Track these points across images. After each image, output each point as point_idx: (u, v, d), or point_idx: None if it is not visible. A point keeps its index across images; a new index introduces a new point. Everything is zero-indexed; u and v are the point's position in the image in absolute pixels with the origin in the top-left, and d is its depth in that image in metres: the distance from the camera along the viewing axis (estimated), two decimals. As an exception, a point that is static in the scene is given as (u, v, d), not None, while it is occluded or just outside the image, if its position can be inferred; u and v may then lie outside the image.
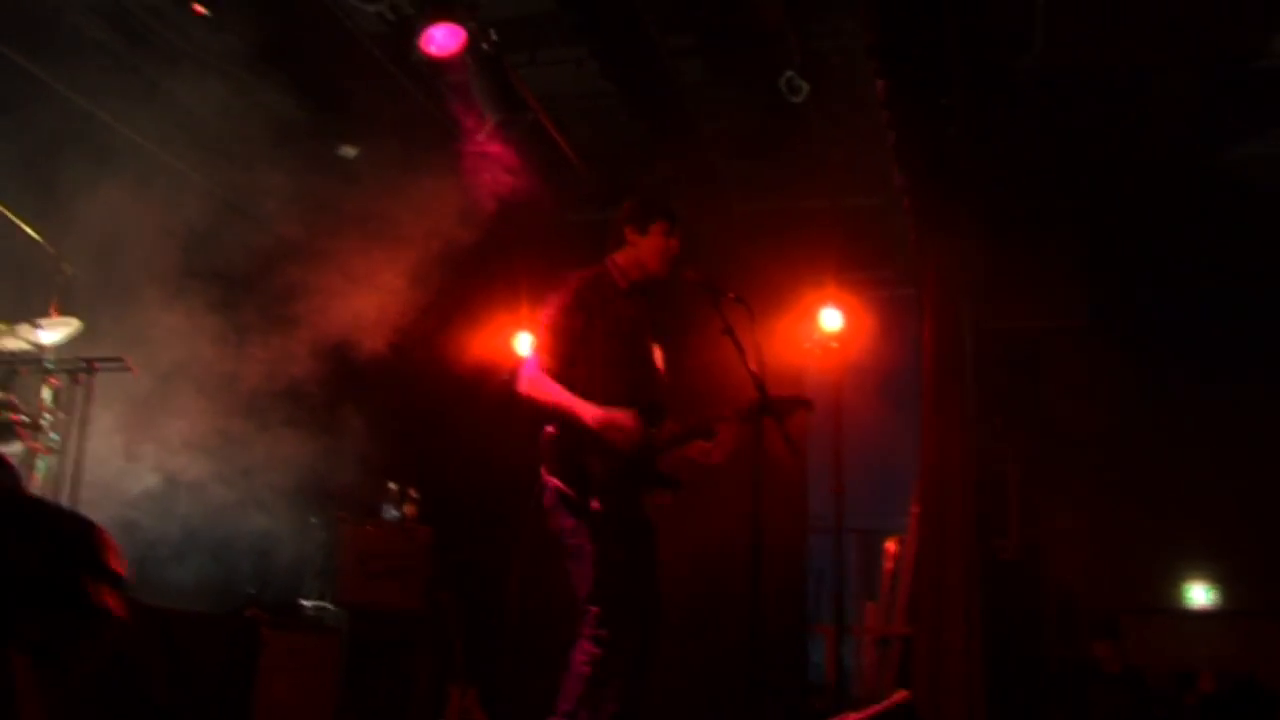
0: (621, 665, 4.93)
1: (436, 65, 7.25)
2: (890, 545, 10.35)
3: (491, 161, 8.00)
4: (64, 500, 6.69)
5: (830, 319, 9.03)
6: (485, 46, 7.52)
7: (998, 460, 9.48)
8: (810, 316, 9.06)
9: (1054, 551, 9.52)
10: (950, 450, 8.88)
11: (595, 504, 4.97)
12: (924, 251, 9.34)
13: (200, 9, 7.89)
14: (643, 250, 5.37)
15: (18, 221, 7.11)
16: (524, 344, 9.89)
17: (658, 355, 5.43)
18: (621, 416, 4.99)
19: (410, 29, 7.24)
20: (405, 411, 9.69)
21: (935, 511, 8.83)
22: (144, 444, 7.78)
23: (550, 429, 5.15)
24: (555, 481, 5.09)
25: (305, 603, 8.41)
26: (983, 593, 8.55)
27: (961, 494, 8.77)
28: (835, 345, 9.01)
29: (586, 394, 5.05)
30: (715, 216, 9.66)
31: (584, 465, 5.04)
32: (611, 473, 5.03)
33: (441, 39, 7.04)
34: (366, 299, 8.36)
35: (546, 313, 5.22)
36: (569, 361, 5.13)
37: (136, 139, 8.61)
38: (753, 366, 4.98)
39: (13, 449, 6.55)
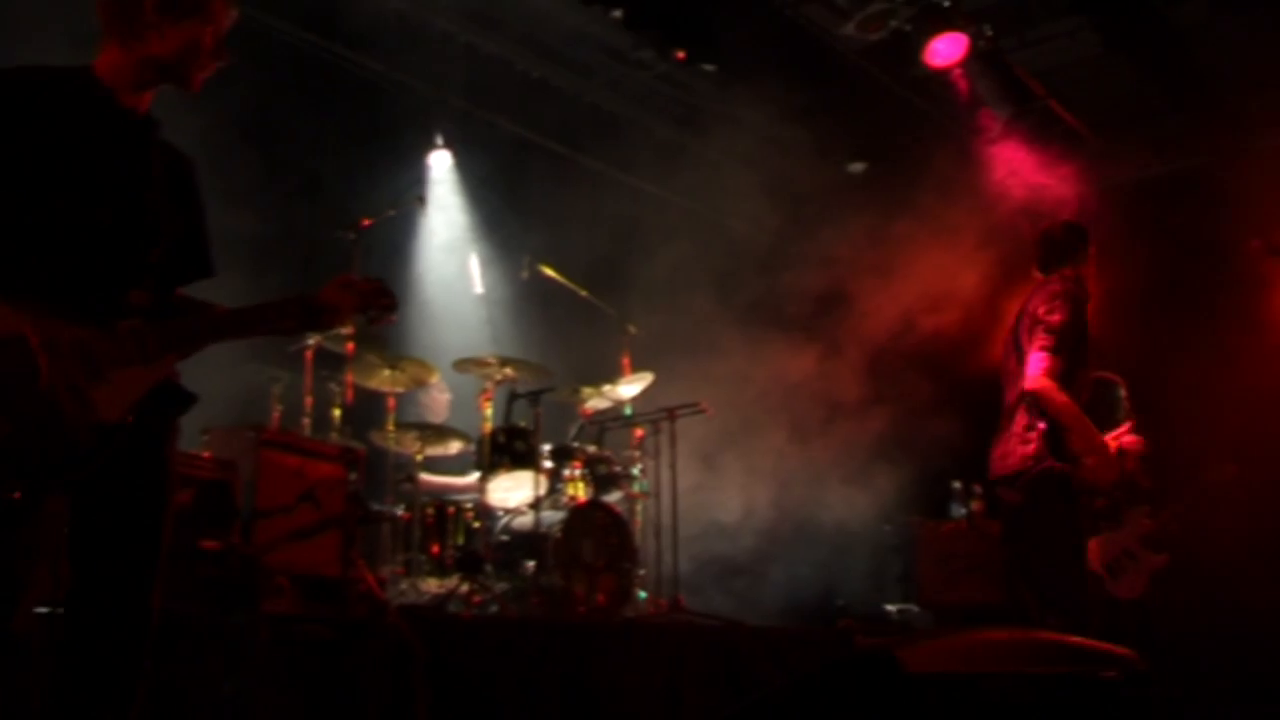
0: None
1: (942, 75, 7.33)
2: None
3: (1013, 156, 7.95)
4: (664, 539, 7.30)
5: None
6: (982, 44, 7.51)
7: None
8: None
9: None
10: None
11: None
12: None
13: (681, 55, 8.36)
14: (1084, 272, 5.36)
15: (590, 297, 8.00)
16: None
17: None
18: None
19: (908, 44, 7.35)
20: (959, 411, 9.80)
21: None
22: (725, 476, 8.37)
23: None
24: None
25: (889, 608, 8.74)
26: None
27: None
28: None
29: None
30: (1245, 161, 9.06)
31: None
32: None
33: (945, 49, 7.14)
34: (911, 309, 8.55)
35: (1062, 308, 5.06)
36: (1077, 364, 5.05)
37: (677, 199, 9.35)
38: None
39: (614, 497, 7.30)
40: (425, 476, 7.09)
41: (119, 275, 2.89)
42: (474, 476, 7.07)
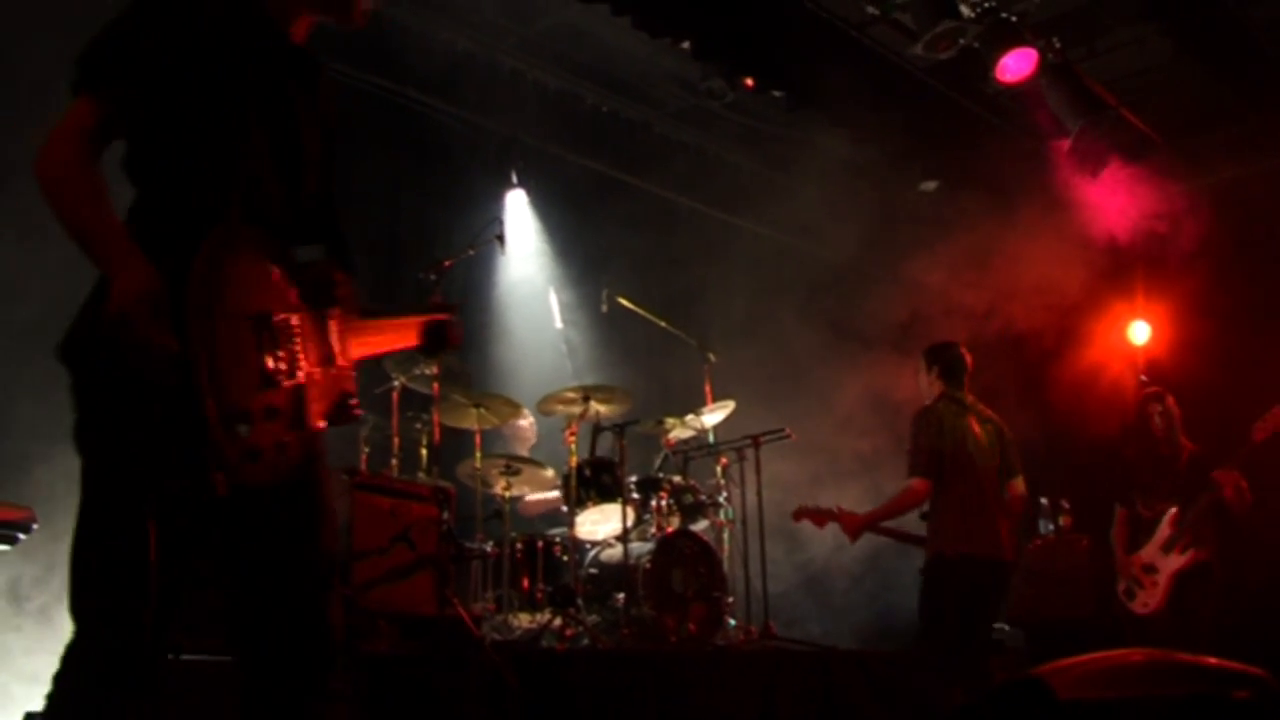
0: None
1: (1013, 90, 7.31)
2: None
3: (1089, 161, 7.89)
4: (753, 566, 7.30)
5: None
6: (1052, 57, 7.48)
7: None
8: None
9: None
10: None
11: None
12: None
13: (750, 83, 8.38)
14: None
15: (669, 326, 8.06)
16: (1140, 333, 9.70)
17: None
18: None
19: (978, 62, 7.34)
20: (1046, 428, 9.74)
21: None
22: (812, 501, 8.35)
23: None
24: None
25: (982, 626, 8.65)
26: None
27: None
28: None
29: None
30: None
31: None
32: None
33: (1015, 65, 7.11)
34: (991, 326, 8.51)
35: None
36: None
37: (751, 225, 9.38)
38: None
39: (700, 526, 7.32)
40: (531, 498, 7.17)
41: (295, 244, 2.62)
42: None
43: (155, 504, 2.31)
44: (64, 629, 2.40)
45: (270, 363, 2.35)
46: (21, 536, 4.63)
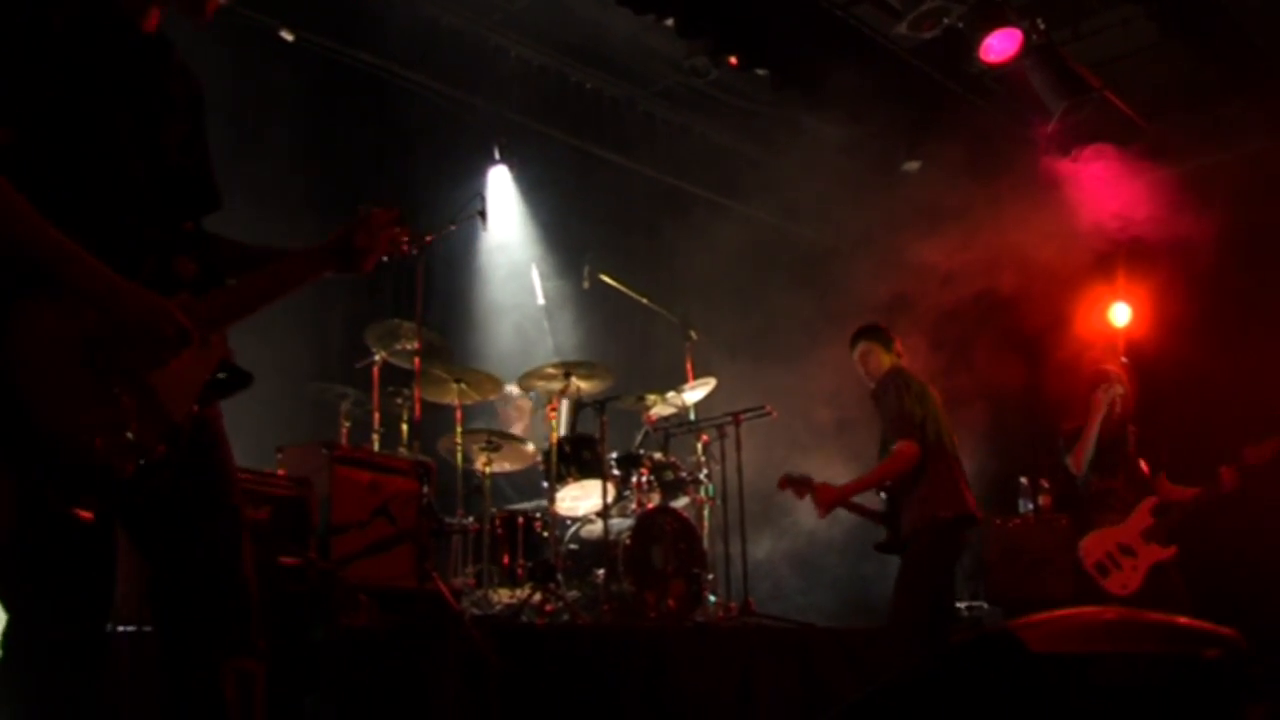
0: None
1: (997, 71, 7.31)
2: None
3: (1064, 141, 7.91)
4: (732, 543, 7.32)
5: None
6: (1036, 38, 7.48)
7: None
8: None
9: None
10: None
11: None
12: None
13: (734, 61, 8.35)
14: None
15: (651, 304, 8.07)
16: (1121, 315, 9.73)
17: None
18: None
19: (962, 42, 7.34)
20: (1024, 407, 9.76)
21: None
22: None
23: None
24: None
25: (959, 604, 8.69)
26: None
27: None
28: None
29: None
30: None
31: None
32: None
33: (999, 45, 7.13)
34: (972, 306, 8.53)
35: None
36: None
37: (734, 204, 9.37)
38: None
39: (681, 503, 7.33)
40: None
41: (162, 241, 2.61)
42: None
43: (63, 503, 2.39)
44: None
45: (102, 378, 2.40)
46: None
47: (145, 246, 2.56)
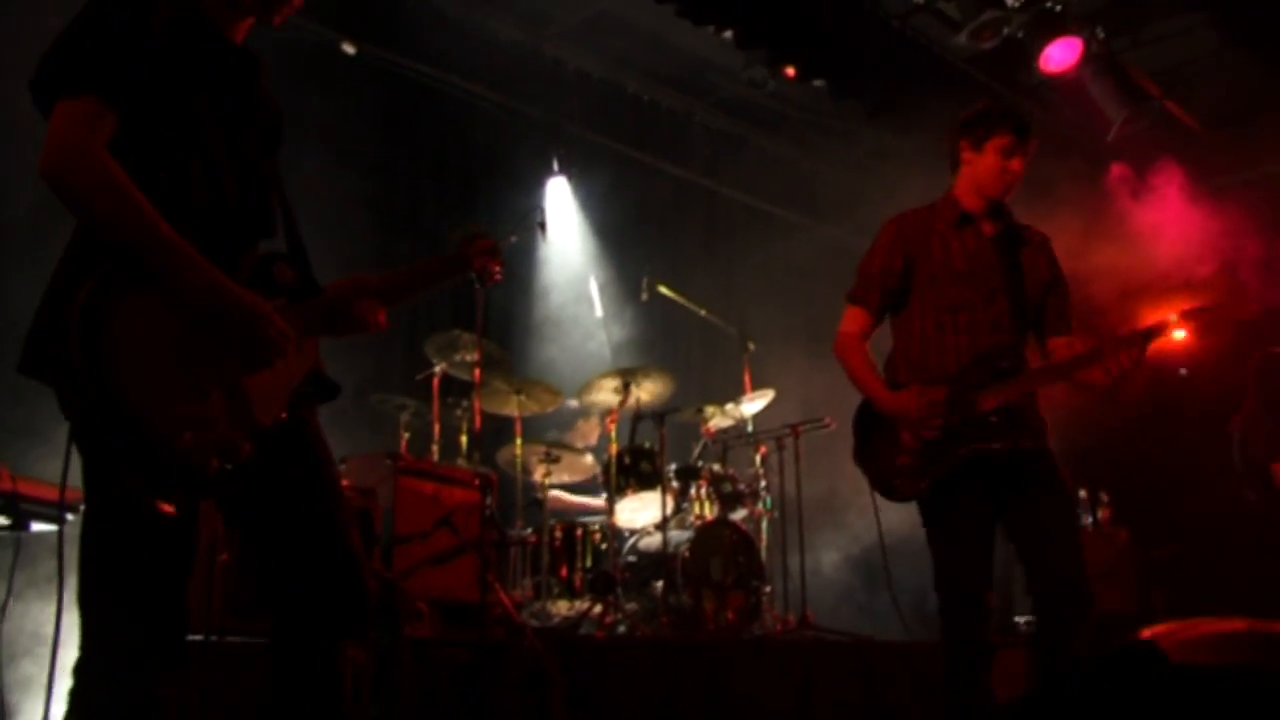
0: None
1: (1058, 81, 7.26)
2: None
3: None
4: (791, 555, 7.31)
5: None
6: (1096, 47, 7.42)
7: None
8: None
9: None
10: None
11: None
12: None
13: (792, 72, 8.34)
14: (979, 170, 4.26)
15: (709, 315, 8.07)
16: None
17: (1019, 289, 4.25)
18: (904, 403, 4.06)
19: (1022, 52, 7.30)
20: (1083, 419, 9.65)
21: None
22: (850, 491, 8.34)
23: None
24: None
25: (1019, 619, 8.61)
26: None
27: None
28: None
29: (918, 350, 4.19)
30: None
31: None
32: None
33: (1059, 55, 7.07)
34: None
35: (862, 260, 4.39)
36: (883, 313, 4.33)
37: (792, 215, 9.35)
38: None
39: (739, 515, 7.33)
40: (555, 494, 7.21)
41: (251, 246, 2.66)
42: (602, 498, 7.16)
43: (148, 494, 2.38)
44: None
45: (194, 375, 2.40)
46: (70, 517, 4.67)
47: (241, 248, 2.61)
